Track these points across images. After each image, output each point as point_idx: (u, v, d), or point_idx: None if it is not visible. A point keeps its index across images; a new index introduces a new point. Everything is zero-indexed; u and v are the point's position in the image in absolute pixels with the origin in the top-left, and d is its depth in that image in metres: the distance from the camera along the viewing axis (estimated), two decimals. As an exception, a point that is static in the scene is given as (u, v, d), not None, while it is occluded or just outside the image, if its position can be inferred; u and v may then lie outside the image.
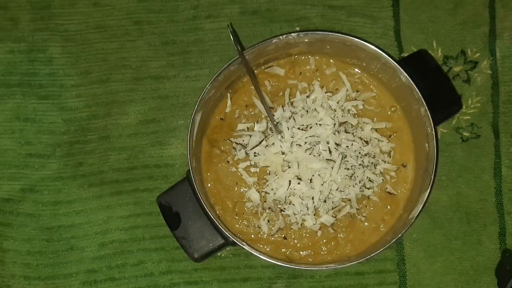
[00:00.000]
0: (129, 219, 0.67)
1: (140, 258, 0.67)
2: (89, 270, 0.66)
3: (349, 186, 0.62)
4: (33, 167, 0.68)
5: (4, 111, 0.69)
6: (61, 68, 0.69)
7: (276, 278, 0.66)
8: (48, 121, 0.69)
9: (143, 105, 0.69)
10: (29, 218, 0.67)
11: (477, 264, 0.66)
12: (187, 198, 0.61)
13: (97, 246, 0.67)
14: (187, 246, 0.61)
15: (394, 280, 0.66)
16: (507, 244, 0.67)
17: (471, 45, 0.69)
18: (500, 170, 0.68)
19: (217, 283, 0.66)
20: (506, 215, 0.67)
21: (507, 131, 0.68)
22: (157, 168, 0.68)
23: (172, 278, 0.66)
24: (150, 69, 0.69)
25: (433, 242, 0.67)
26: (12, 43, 0.69)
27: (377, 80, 0.65)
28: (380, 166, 0.63)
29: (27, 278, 0.66)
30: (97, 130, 0.68)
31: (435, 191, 0.67)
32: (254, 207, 0.63)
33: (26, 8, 0.70)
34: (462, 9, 0.70)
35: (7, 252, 0.67)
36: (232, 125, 0.64)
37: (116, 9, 0.70)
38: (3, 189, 0.68)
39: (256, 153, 0.62)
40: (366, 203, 0.63)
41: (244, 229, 0.63)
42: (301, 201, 0.61)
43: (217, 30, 0.70)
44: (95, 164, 0.68)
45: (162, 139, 0.68)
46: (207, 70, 0.69)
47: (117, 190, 0.68)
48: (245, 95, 0.65)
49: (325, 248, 0.63)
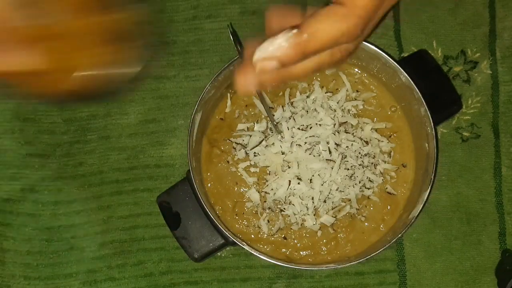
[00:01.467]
0: (129, 219, 0.67)
1: (140, 258, 0.67)
2: (89, 270, 0.67)
3: (349, 186, 0.62)
4: (33, 167, 0.68)
5: (4, 111, 0.69)
6: (61, 68, 0.69)
7: (276, 278, 0.66)
8: (48, 121, 0.69)
9: (143, 105, 0.69)
10: (29, 218, 0.67)
11: (477, 264, 0.66)
12: (187, 198, 0.61)
13: (97, 246, 0.67)
14: (187, 246, 0.61)
15: (394, 280, 0.66)
16: (507, 244, 0.67)
17: (471, 45, 0.69)
18: (500, 170, 0.68)
19: (217, 283, 0.66)
20: (506, 215, 0.67)
21: (507, 131, 0.68)
22: (157, 168, 0.68)
23: (172, 278, 0.66)
24: (150, 69, 0.69)
25: (433, 242, 0.67)
26: (12, 43, 0.69)
27: (377, 80, 0.65)
28: (380, 166, 0.63)
29: (27, 278, 0.66)
30: (97, 130, 0.68)
31: (435, 191, 0.67)
32: (254, 207, 0.63)
33: (26, 8, 0.70)
34: (462, 9, 0.70)
35: (7, 252, 0.67)
36: (232, 125, 0.64)
37: (116, 9, 0.70)
38: (3, 189, 0.68)
39: (256, 153, 0.62)
40: (366, 203, 0.63)
41: (244, 229, 0.63)
42: (301, 201, 0.61)
43: (217, 30, 0.70)
44: (95, 164, 0.68)
45: (162, 139, 0.68)
46: (207, 70, 0.69)
47: (117, 190, 0.68)
48: (245, 95, 0.65)
49: (325, 248, 0.63)
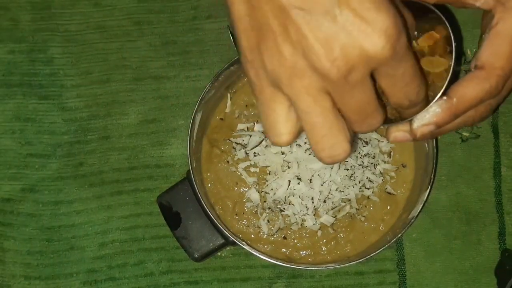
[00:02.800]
0: (130, 219, 0.67)
1: (140, 258, 0.67)
2: (89, 270, 0.67)
3: (349, 186, 0.62)
4: (33, 167, 0.68)
5: (4, 111, 0.69)
6: (61, 69, 0.69)
7: (276, 278, 0.66)
8: (48, 121, 0.69)
9: (143, 105, 0.69)
10: (29, 218, 0.67)
11: (476, 264, 0.66)
12: (187, 198, 0.61)
13: (98, 246, 0.67)
14: (187, 246, 0.61)
15: (394, 280, 0.66)
16: (506, 244, 0.67)
17: (471, 45, 0.69)
18: (499, 170, 0.68)
19: (217, 283, 0.66)
20: (506, 215, 0.67)
21: (506, 131, 0.68)
22: (157, 168, 0.68)
23: (172, 277, 0.67)
24: (150, 69, 0.69)
25: (432, 242, 0.67)
26: (13, 44, 0.70)
27: (377, 80, 0.65)
28: (380, 167, 0.63)
29: (27, 278, 0.67)
30: (98, 130, 0.69)
31: (435, 191, 0.67)
32: (254, 207, 0.63)
33: (27, 8, 0.70)
34: (462, 9, 0.70)
35: (8, 252, 0.67)
36: (232, 125, 0.64)
37: (117, 10, 0.70)
38: (4, 189, 0.68)
39: (256, 153, 0.62)
40: (366, 203, 0.63)
41: (244, 229, 0.63)
42: (300, 201, 0.61)
43: (217, 31, 0.70)
44: (96, 164, 0.68)
45: (162, 139, 0.69)
46: (207, 70, 0.69)
47: (117, 190, 0.68)
48: (245, 95, 0.65)
49: (325, 248, 0.63)
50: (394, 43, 0.34)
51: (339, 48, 0.33)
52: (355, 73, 0.35)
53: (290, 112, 0.38)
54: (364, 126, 0.39)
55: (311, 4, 0.33)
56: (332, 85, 0.35)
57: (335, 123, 0.37)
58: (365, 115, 0.38)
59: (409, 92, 0.40)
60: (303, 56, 0.34)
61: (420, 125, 0.46)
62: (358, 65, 0.34)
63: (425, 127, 0.46)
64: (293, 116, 0.38)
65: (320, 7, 0.33)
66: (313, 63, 0.34)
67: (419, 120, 0.46)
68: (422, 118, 0.46)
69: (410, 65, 0.37)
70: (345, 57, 0.34)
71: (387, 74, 0.37)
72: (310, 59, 0.34)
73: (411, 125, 0.46)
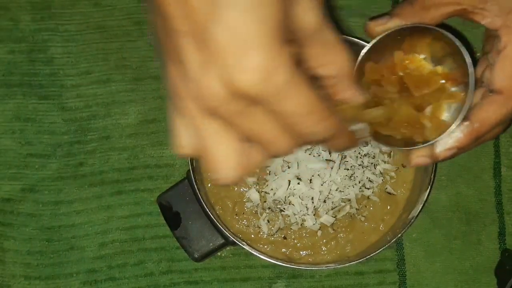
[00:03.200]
0: (130, 219, 0.67)
1: (140, 258, 0.67)
2: (89, 270, 0.67)
3: (349, 186, 0.62)
4: (33, 167, 0.68)
5: (4, 111, 0.69)
6: (61, 69, 0.69)
7: (276, 278, 0.66)
8: (48, 121, 0.69)
9: (143, 105, 0.69)
10: (29, 218, 0.67)
11: (476, 264, 0.66)
12: (187, 198, 0.61)
13: (98, 246, 0.67)
14: (187, 246, 0.61)
15: (394, 280, 0.66)
16: (506, 244, 0.67)
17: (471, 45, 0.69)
18: (499, 170, 0.68)
19: (217, 283, 0.66)
20: (506, 215, 0.67)
21: (506, 131, 0.68)
22: (158, 168, 0.68)
23: (173, 277, 0.67)
24: (150, 69, 0.69)
25: (432, 242, 0.67)
26: (13, 44, 0.70)
27: (377, 80, 0.65)
28: (380, 167, 0.63)
29: (27, 278, 0.67)
30: (98, 130, 0.69)
31: (435, 191, 0.67)
32: (254, 207, 0.63)
33: (27, 8, 0.70)
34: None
35: (8, 252, 0.67)
36: (232, 125, 0.64)
37: (117, 10, 0.70)
38: (4, 189, 0.68)
39: (256, 153, 0.62)
40: (366, 203, 0.63)
41: (244, 229, 0.63)
42: (300, 201, 0.61)
43: (217, 31, 0.70)
44: (96, 164, 0.68)
45: (163, 139, 0.69)
46: (207, 70, 0.69)
47: (117, 190, 0.68)
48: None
49: (325, 248, 0.63)
50: (268, 80, 0.31)
51: (215, 76, 0.32)
52: (234, 104, 0.32)
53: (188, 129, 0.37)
54: (272, 150, 0.36)
55: (194, 28, 0.31)
56: (216, 111, 0.33)
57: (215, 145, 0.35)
58: (266, 141, 0.35)
59: (310, 128, 0.35)
60: (186, 78, 0.34)
61: (443, 150, 0.48)
62: (234, 97, 0.32)
63: (447, 151, 0.49)
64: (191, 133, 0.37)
65: (201, 31, 0.31)
66: (193, 88, 0.33)
67: (442, 146, 0.48)
68: (445, 143, 0.48)
69: (299, 103, 0.33)
70: (221, 87, 0.32)
71: (272, 110, 0.33)
72: (191, 83, 0.33)
73: (434, 150, 0.49)
